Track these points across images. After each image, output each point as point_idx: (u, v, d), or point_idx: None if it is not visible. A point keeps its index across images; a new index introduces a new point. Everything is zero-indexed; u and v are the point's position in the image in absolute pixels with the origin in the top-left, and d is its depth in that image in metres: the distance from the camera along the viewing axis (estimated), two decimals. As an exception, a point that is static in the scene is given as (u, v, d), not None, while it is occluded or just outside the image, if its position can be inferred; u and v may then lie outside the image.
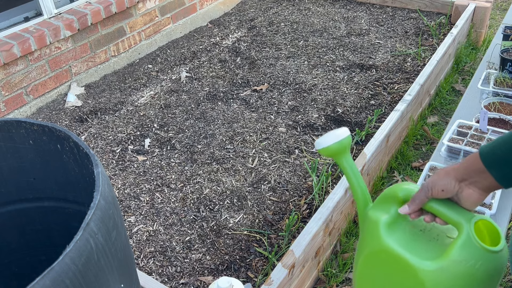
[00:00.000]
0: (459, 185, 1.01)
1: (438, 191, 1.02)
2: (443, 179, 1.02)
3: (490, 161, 0.95)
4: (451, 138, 1.66)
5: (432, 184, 1.03)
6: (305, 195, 2.25)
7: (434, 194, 1.03)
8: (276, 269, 1.69)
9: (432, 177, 1.06)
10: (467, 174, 0.99)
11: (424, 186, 1.05)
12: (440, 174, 1.04)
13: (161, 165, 2.48)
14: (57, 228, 1.27)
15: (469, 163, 0.99)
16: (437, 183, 1.03)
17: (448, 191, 1.01)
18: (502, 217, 1.44)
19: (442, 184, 1.02)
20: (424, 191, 1.05)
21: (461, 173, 1.00)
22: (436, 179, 1.03)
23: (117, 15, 3.33)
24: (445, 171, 1.04)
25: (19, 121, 1.11)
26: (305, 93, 3.00)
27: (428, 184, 1.05)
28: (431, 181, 1.05)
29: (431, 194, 1.04)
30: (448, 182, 1.01)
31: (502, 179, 0.95)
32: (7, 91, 2.82)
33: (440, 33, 3.57)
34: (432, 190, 1.03)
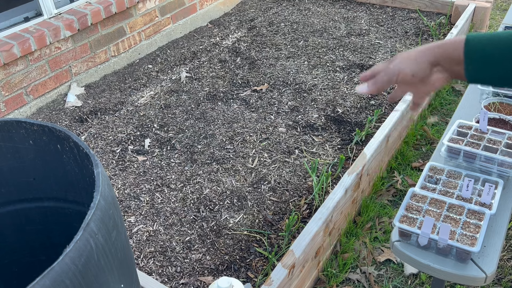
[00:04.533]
0: (431, 69, 0.88)
1: (407, 75, 0.88)
2: (414, 63, 0.88)
3: (474, 56, 0.83)
4: (451, 138, 1.66)
5: (400, 68, 0.89)
6: (305, 195, 2.25)
7: (401, 79, 0.89)
8: (276, 269, 1.69)
9: (397, 60, 0.91)
10: (444, 60, 0.86)
11: (387, 69, 0.90)
12: (409, 58, 0.89)
13: (161, 165, 2.48)
14: (57, 228, 1.27)
15: (449, 48, 0.86)
16: (407, 67, 0.88)
17: (419, 76, 0.88)
18: (502, 217, 1.45)
19: (414, 68, 0.88)
20: (389, 74, 0.90)
21: (438, 58, 0.87)
22: (405, 63, 0.89)
23: (117, 15, 3.33)
24: (415, 53, 0.89)
25: (19, 121, 1.11)
26: (305, 93, 3.00)
27: (393, 68, 0.90)
28: (398, 64, 0.90)
29: (396, 79, 0.90)
30: (420, 67, 0.87)
31: (472, 76, 0.84)
32: (7, 91, 2.82)
33: (440, 33, 3.57)
34: (399, 74, 0.89)
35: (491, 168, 1.56)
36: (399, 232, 1.40)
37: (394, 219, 1.41)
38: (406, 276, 2.01)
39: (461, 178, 1.54)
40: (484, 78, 0.84)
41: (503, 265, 2.02)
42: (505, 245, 2.10)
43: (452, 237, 1.32)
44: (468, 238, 1.32)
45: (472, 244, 1.30)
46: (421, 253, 1.36)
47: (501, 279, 1.98)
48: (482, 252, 1.34)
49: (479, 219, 1.38)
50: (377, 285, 1.97)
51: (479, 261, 1.32)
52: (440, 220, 1.38)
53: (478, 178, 1.53)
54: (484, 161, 1.57)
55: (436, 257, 1.35)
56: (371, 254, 2.10)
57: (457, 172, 1.57)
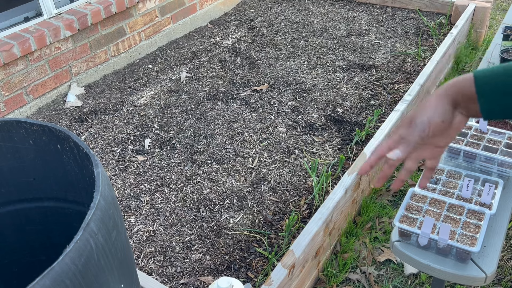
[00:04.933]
0: (453, 112, 0.84)
1: (438, 123, 0.82)
2: (439, 108, 0.83)
3: (485, 90, 0.80)
4: (451, 138, 1.66)
5: (428, 119, 0.83)
6: (305, 195, 2.25)
7: (433, 130, 0.83)
8: (276, 269, 1.69)
9: (419, 113, 0.84)
10: (460, 99, 0.83)
11: (417, 125, 0.84)
12: (430, 106, 0.84)
13: (161, 165, 2.48)
14: (57, 228, 1.27)
15: (460, 86, 0.83)
16: (434, 116, 0.83)
17: (447, 121, 0.83)
18: (502, 217, 1.45)
19: (441, 114, 0.83)
20: (419, 131, 0.84)
21: (454, 98, 0.83)
22: (430, 112, 0.83)
23: (117, 15, 3.33)
24: (433, 101, 0.84)
25: (19, 121, 1.11)
26: (305, 93, 3.00)
27: (422, 122, 0.83)
28: (423, 115, 0.84)
29: (428, 132, 0.83)
30: (446, 111, 0.83)
31: (487, 111, 0.82)
32: (7, 91, 2.82)
33: (440, 33, 3.57)
34: (431, 126, 0.83)
35: (491, 168, 1.56)
36: (399, 232, 1.40)
37: (394, 219, 1.41)
38: (406, 276, 2.01)
39: (461, 178, 1.54)
40: (498, 111, 0.82)
41: (503, 265, 2.02)
42: (505, 245, 2.10)
43: (452, 237, 1.32)
44: (468, 238, 1.32)
45: (472, 244, 1.30)
46: (421, 253, 1.36)
47: (501, 279, 1.98)
48: (482, 252, 1.34)
49: (479, 219, 1.38)
50: (377, 285, 1.97)
51: (479, 261, 1.32)
52: (440, 220, 1.38)
53: (478, 178, 1.53)
54: (484, 161, 1.57)
55: (436, 257, 1.35)
56: (371, 254, 2.10)
57: (457, 172, 1.57)
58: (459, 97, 0.83)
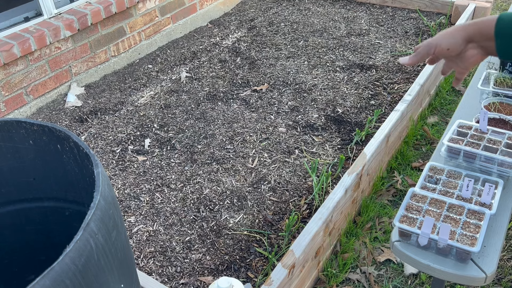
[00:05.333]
0: (465, 45, 1.00)
1: (443, 49, 1.01)
2: (450, 37, 1.01)
3: (503, 32, 0.94)
4: (451, 138, 1.66)
5: (437, 41, 1.02)
6: (305, 195, 2.25)
7: (438, 51, 1.02)
8: (276, 269, 1.69)
9: (438, 35, 1.04)
10: (477, 36, 0.98)
11: (427, 43, 1.04)
12: (446, 33, 1.02)
13: (161, 165, 2.48)
14: (57, 228, 1.27)
15: (483, 25, 0.97)
16: (443, 42, 1.01)
17: (454, 50, 1.00)
18: (502, 217, 1.44)
19: (449, 42, 1.00)
20: (427, 47, 1.04)
21: (471, 34, 0.99)
22: (442, 38, 1.02)
23: (117, 15, 3.33)
24: (452, 30, 1.02)
25: (19, 121, 1.11)
26: (305, 93, 3.00)
27: (432, 41, 1.03)
28: (436, 39, 1.03)
29: (434, 51, 1.03)
30: (455, 42, 1.00)
31: (501, 50, 0.95)
32: (7, 91, 2.82)
33: (440, 33, 3.57)
34: (437, 48, 1.02)
35: (491, 168, 1.56)
36: (399, 232, 1.40)
37: (394, 219, 1.41)
38: (406, 276, 2.01)
39: (461, 178, 1.54)
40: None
41: (503, 265, 2.02)
42: (505, 245, 2.10)
43: (452, 237, 1.32)
44: (468, 238, 1.32)
45: (472, 244, 1.30)
46: (421, 253, 1.36)
47: (501, 279, 1.98)
48: (482, 252, 1.34)
49: (479, 219, 1.38)
50: (377, 285, 1.97)
51: (479, 261, 1.32)
52: (440, 220, 1.38)
53: (478, 178, 1.53)
54: (484, 161, 1.57)
55: (436, 257, 1.35)
56: (371, 254, 2.10)
57: (457, 172, 1.57)
58: (476, 35, 0.97)
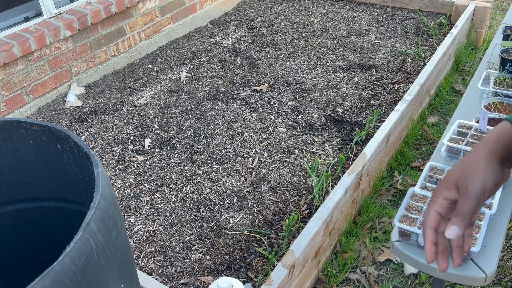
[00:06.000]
0: (503, 170, 0.80)
1: (492, 189, 0.78)
2: (489, 171, 0.78)
3: None
4: (451, 138, 1.66)
5: (482, 185, 0.77)
6: (305, 195, 2.25)
7: (488, 195, 0.78)
8: (276, 269, 1.69)
9: (471, 175, 0.79)
10: (506, 153, 0.79)
11: (470, 193, 0.77)
12: (480, 169, 0.78)
13: (161, 165, 2.48)
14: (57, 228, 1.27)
15: (506, 139, 0.79)
16: (487, 181, 0.77)
17: (499, 182, 0.79)
18: (502, 217, 1.44)
19: (493, 177, 0.78)
20: (473, 199, 0.77)
21: (502, 154, 0.79)
22: (483, 176, 0.78)
23: (117, 15, 3.33)
24: (483, 161, 0.79)
25: (19, 121, 1.11)
26: (305, 93, 3.00)
27: (476, 189, 0.77)
28: (479, 181, 0.77)
29: (484, 200, 0.78)
30: (496, 172, 0.78)
31: None
32: (7, 91, 2.82)
33: (440, 33, 3.57)
34: (485, 194, 0.78)
35: (491, 168, 1.56)
36: (399, 232, 1.40)
37: (394, 219, 1.41)
38: (406, 276, 2.01)
39: (461, 178, 1.54)
40: None
41: (503, 265, 2.02)
42: (505, 245, 2.10)
43: (452, 237, 1.32)
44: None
45: (472, 244, 1.30)
46: (421, 253, 1.36)
47: (501, 279, 1.98)
48: (482, 252, 1.34)
49: (479, 219, 1.38)
50: (377, 285, 1.98)
51: (479, 261, 1.32)
52: (440, 220, 1.38)
53: (478, 178, 1.53)
54: (484, 161, 1.57)
55: (436, 257, 1.34)
56: (371, 254, 2.10)
57: (457, 172, 1.56)
58: (508, 152, 0.80)
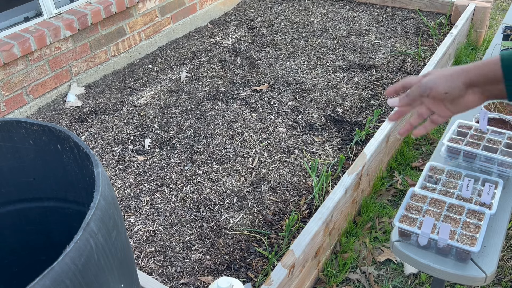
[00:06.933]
0: (465, 90, 0.89)
1: (440, 92, 0.90)
2: (449, 80, 0.89)
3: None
4: (451, 138, 1.66)
5: (434, 83, 0.91)
6: (305, 195, 2.25)
7: (433, 95, 0.91)
8: (276, 269, 1.69)
9: (432, 76, 0.93)
10: (480, 81, 0.88)
11: (422, 84, 0.92)
12: (444, 75, 0.90)
13: (161, 165, 2.48)
14: (57, 228, 1.27)
15: (486, 68, 0.87)
16: (441, 84, 0.90)
17: (452, 94, 0.89)
18: (502, 217, 1.44)
19: (448, 86, 0.89)
20: (421, 88, 0.93)
21: (473, 79, 0.88)
22: (440, 80, 0.90)
23: (117, 15, 3.33)
24: (451, 73, 0.90)
25: (19, 121, 1.11)
26: (305, 93, 3.00)
27: (427, 83, 0.92)
28: (433, 80, 0.91)
29: (428, 94, 0.92)
30: (455, 86, 0.89)
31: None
32: (7, 91, 2.82)
33: (440, 33, 3.57)
34: (432, 90, 0.91)
35: (491, 168, 1.56)
36: (399, 232, 1.40)
37: (394, 219, 1.41)
38: (406, 276, 2.01)
39: (461, 178, 1.54)
40: None
41: (503, 265, 2.02)
42: (505, 245, 2.10)
43: (452, 237, 1.32)
44: (468, 238, 1.32)
45: (472, 244, 1.30)
46: (421, 253, 1.36)
47: (501, 279, 1.98)
48: (482, 252, 1.34)
49: (479, 219, 1.38)
50: (377, 285, 1.98)
51: (479, 261, 1.32)
52: (440, 220, 1.38)
53: (478, 178, 1.53)
54: (484, 161, 1.57)
55: (436, 257, 1.35)
56: (371, 254, 2.10)
57: (457, 172, 1.57)
58: (479, 79, 0.87)
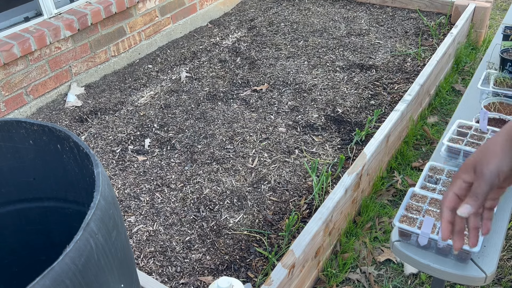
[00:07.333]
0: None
1: (506, 173, 0.78)
2: (506, 155, 0.78)
3: None
4: (451, 138, 1.66)
5: (498, 168, 0.78)
6: (305, 195, 2.25)
7: (502, 179, 0.78)
8: (276, 269, 1.69)
9: (488, 158, 0.80)
10: None
11: (485, 174, 0.78)
12: (496, 153, 0.79)
13: (161, 165, 2.48)
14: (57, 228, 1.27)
15: None
16: (503, 165, 0.78)
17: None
18: (502, 217, 1.44)
19: (508, 162, 0.78)
20: (488, 181, 0.78)
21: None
22: (498, 160, 0.78)
23: (117, 15, 3.33)
24: (501, 146, 0.79)
25: (19, 121, 1.11)
26: (305, 93, 3.00)
27: (492, 171, 0.78)
28: (494, 164, 0.78)
29: (498, 183, 0.78)
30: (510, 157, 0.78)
31: None
32: (7, 91, 2.82)
33: (440, 33, 3.57)
34: (500, 176, 0.78)
35: (491, 168, 1.56)
36: (399, 232, 1.40)
37: (394, 219, 1.41)
38: (406, 276, 2.01)
39: (461, 178, 1.54)
40: None
41: (503, 265, 2.02)
42: (505, 245, 2.10)
43: (452, 237, 1.32)
44: (468, 238, 1.32)
45: (472, 244, 1.30)
46: (421, 253, 1.36)
47: (501, 279, 1.98)
48: (482, 252, 1.34)
49: (479, 219, 1.38)
50: (377, 285, 1.98)
51: (479, 261, 1.32)
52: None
53: (478, 178, 1.53)
54: (484, 161, 1.57)
55: (436, 257, 1.35)
56: (371, 254, 2.10)
57: (457, 172, 1.57)
58: None
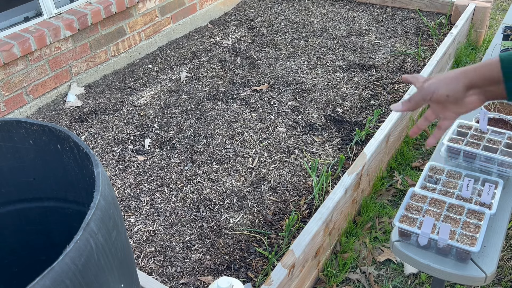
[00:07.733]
0: (466, 92, 0.92)
1: (442, 95, 0.93)
2: (450, 83, 0.92)
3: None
4: (451, 138, 1.66)
5: (436, 87, 0.94)
6: (305, 195, 2.25)
7: (435, 98, 0.94)
8: (276, 269, 1.69)
9: (433, 80, 0.96)
10: (480, 82, 0.90)
11: (424, 88, 0.95)
12: (445, 79, 0.93)
13: (161, 165, 2.48)
14: (57, 228, 1.27)
15: (485, 70, 0.89)
16: (442, 87, 0.93)
17: (453, 97, 0.92)
18: (502, 217, 1.45)
19: (449, 89, 0.92)
20: (423, 93, 0.96)
21: (473, 80, 0.91)
22: (441, 83, 0.93)
23: (117, 15, 3.33)
24: (452, 75, 0.93)
25: (19, 121, 1.11)
26: (305, 93, 3.00)
27: (429, 87, 0.95)
28: (434, 84, 0.94)
29: (430, 98, 0.95)
30: (456, 88, 0.92)
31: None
32: (7, 91, 2.82)
33: (440, 33, 3.57)
34: (434, 94, 0.94)
35: (491, 168, 1.56)
36: (399, 232, 1.40)
37: (394, 219, 1.41)
38: (406, 276, 2.01)
39: (461, 178, 1.54)
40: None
41: (503, 265, 2.02)
42: (505, 245, 2.10)
43: (452, 237, 1.33)
44: (468, 238, 1.32)
45: (472, 244, 1.30)
46: (421, 253, 1.36)
47: (501, 279, 1.98)
48: (482, 252, 1.34)
49: (479, 219, 1.38)
50: (377, 285, 1.98)
51: (479, 261, 1.32)
52: (440, 220, 1.38)
53: (478, 178, 1.54)
54: (484, 161, 1.57)
55: (436, 257, 1.35)
56: (371, 254, 2.10)
57: (457, 172, 1.57)
58: (479, 81, 0.90)
